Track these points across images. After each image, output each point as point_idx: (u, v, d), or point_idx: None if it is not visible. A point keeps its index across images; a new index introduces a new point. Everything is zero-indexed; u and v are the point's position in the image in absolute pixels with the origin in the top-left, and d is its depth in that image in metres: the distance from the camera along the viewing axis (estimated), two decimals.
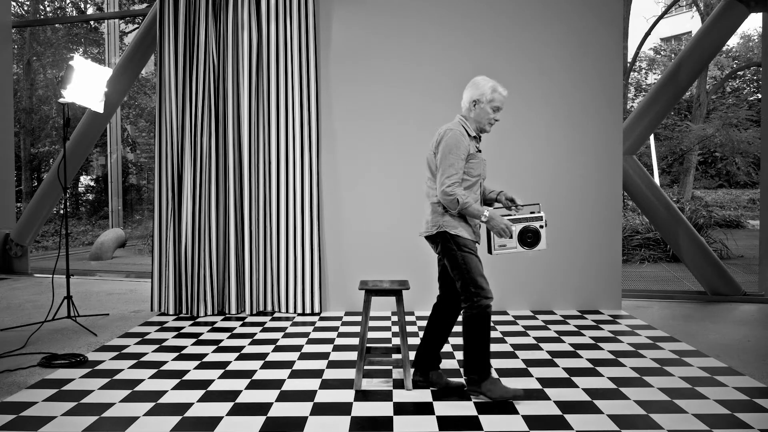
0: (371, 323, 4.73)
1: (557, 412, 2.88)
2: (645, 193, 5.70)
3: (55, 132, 14.99)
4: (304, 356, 3.85)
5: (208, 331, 4.52)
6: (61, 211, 12.59)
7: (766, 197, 5.63)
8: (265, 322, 4.80)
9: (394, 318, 4.92)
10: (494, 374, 3.35)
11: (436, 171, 3.10)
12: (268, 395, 3.14)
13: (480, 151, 3.15)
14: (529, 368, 3.54)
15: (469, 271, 3.01)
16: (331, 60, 5.19)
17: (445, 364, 3.62)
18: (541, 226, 3.14)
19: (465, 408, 2.94)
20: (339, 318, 4.95)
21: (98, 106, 4.86)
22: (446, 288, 3.26)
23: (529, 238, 3.14)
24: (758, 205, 11.14)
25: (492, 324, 4.65)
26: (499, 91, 3.11)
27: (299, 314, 5.08)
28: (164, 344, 4.16)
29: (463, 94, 3.20)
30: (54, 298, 5.02)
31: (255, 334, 4.44)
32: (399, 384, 3.27)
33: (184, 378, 3.43)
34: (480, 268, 3.05)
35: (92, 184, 16.40)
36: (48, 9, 16.05)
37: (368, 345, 3.51)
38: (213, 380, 3.38)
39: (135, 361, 3.75)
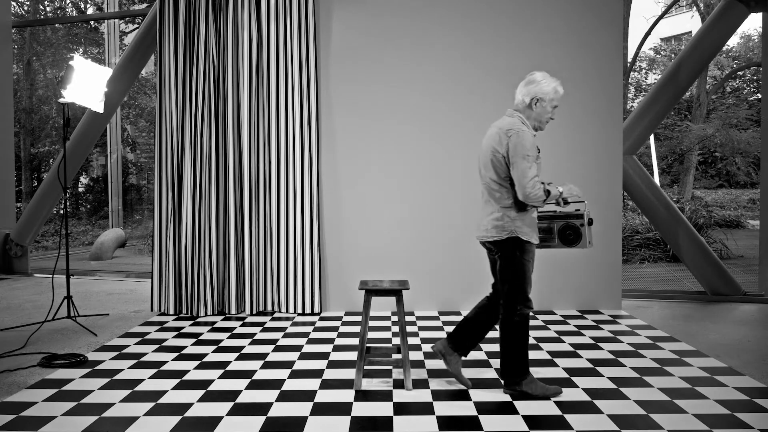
0: (371, 323, 4.73)
1: (557, 412, 2.88)
2: (645, 193, 5.70)
3: (55, 132, 14.99)
4: (304, 356, 3.85)
5: (208, 331, 4.52)
6: (61, 211, 12.59)
7: (766, 197, 5.63)
8: (265, 322, 4.80)
9: (394, 318, 4.92)
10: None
11: (503, 174, 3.03)
12: (268, 395, 3.14)
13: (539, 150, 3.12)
14: (529, 368, 3.53)
15: (524, 280, 3.03)
16: (331, 60, 5.19)
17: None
18: (582, 225, 3.10)
19: (465, 408, 2.94)
20: (339, 318, 4.95)
21: (98, 106, 4.86)
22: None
23: (569, 235, 3.12)
24: (758, 205, 11.14)
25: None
26: (559, 90, 3.09)
27: (299, 314, 5.08)
28: (164, 344, 4.16)
29: (519, 89, 3.11)
30: (54, 298, 5.02)
31: (255, 334, 4.44)
32: (399, 384, 3.27)
33: (184, 378, 3.43)
34: (531, 274, 3.07)
35: (91, 184, 16.40)
36: (48, 9, 16.05)
37: (368, 345, 3.51)
38: (213, 380, 3.38)
39: (135, 361, 3.75)
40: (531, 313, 3.04)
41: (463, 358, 3.30)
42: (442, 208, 5.14)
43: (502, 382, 3.15)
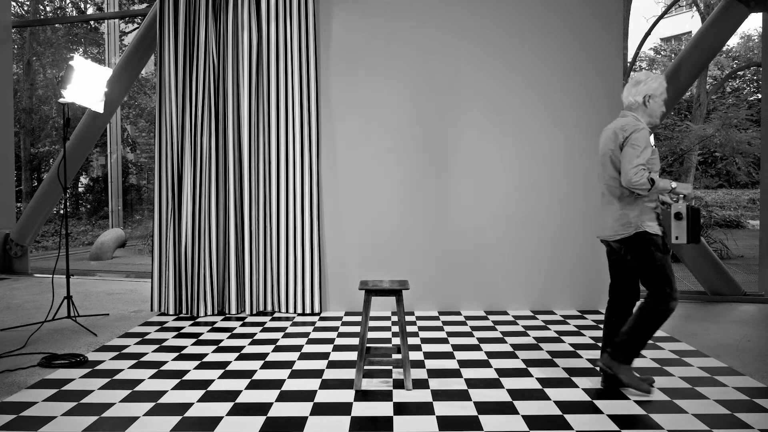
0: (371, 323, 4.73)
1: (557, 412, 2.88)
2: None
3: (55, 132, 14.99)
4: (304, 356, 3.85)
5: (208, 331, 4.52)
6: (61, 211, 12.59)
7: (766, 197, 5.63)
8: (265, 322, 4.80)
9: (394, 318, 4.92)
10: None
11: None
12: (268, 395, 3.14)
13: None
14: (529, 368, 3.54)
15: (666, 270, 3.05)
16: (331, 60, 5.19)
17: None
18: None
19: (465, 408, 2.94)
20: (339, 318, 4.95)
21: (98, 106, 4.86)
22: (628, 289, 3.25)
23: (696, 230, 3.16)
24: (758, 205, 11.13)
25: (492, 324, 4.65)
26: (664, 84, 3.20)
27: (299, 314, 5.08)
28: (164, 344, 4.16)
29: (628, 91, 3.22)
30: (54, 298, 5.02)
31: (255, 334, 4.44)
32: (399, 384, 3.27)
33: (184, 378, 3.43)
34: (671, 267, 3.09)
35: (91, 184, 16.40)
36: (48, 9, 16.05)
37: (368, 345, 3.51)
38: (213, 380, 3.38)
39: (135, 361, 3.75)
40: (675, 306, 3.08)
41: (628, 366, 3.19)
42: (443, 208, 5.14)
43: (609, 352, 3.13)
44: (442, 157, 5.14)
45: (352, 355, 3.83)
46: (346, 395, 3.12)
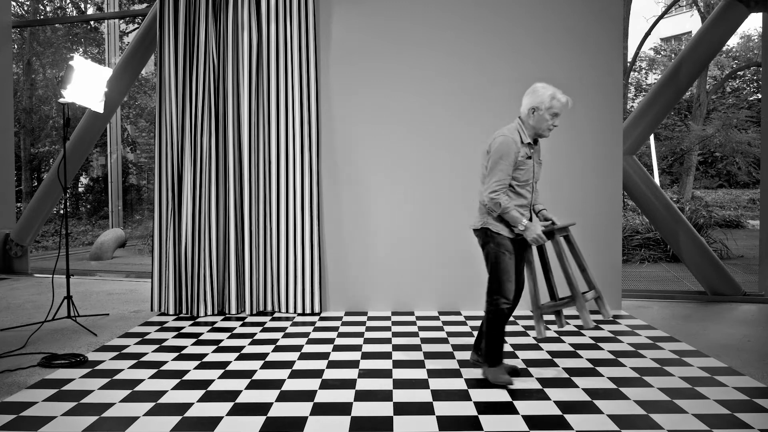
0: (374, 323, 4.73)
1: (557, 412, 2.88)
2: (645, 193, 5.70)
3: (55, 132, 14.99)
4: (304, 356, 3.85)
5: (208, 331, 4.52)
6: (61, 211, 12.59)
7: (766, 197, 5.63)
8: (265, 322, 4.80)
9: (398, 318, 4.91)
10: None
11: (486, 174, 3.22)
12: (268, 395, 3.14)
13: (530, 157, 3.23)
14: (529, 368, 3.54)
15: (498, 271, 3.20)
16: (331, 60, 5.19)
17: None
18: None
19: (465, 408, 2.94)
20: (339, 318, 4.95)
21: (98, 106, 4.86)
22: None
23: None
24: (758, 205, 11.13)
25: None
26: (557, 98, 3.20)
27: (299, 314, 5.08)
28: (164, 344, 4.16)
29: (523, 100, 3.29)
30: (54, 298, 5.02)
31: (255, 334, 4.44)
32: (399, 384, 3.27)
33: (184, 378, 3.43)
34: (510, 270, 3.20)
35: (91, 184, 16.40)
36: (48, 9, 16.05)
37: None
38: (213, 380, 3.38)
39: (135, 361, 3.75)
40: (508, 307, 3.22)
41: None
42: (442, 207, 5.14)
43: (476, 357, 3.49)
44: (442, 156, 5.14)
45: (353, 355, 3.84)
46: (346, 395, 3.12)
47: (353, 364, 3.66)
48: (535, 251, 3.40)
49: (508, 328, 4.54)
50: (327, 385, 3.30)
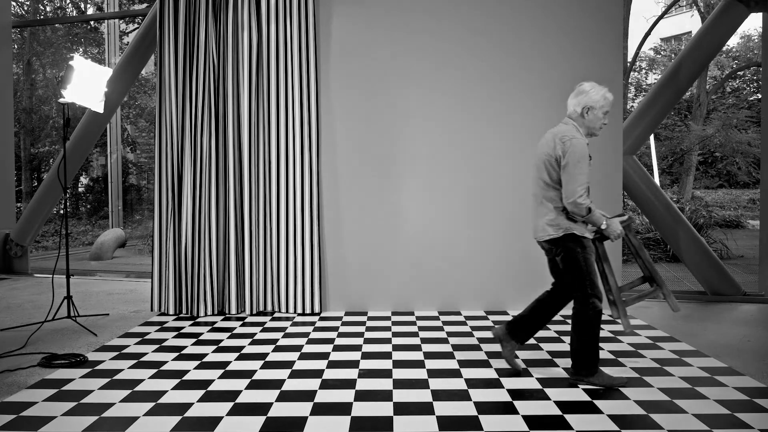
0: (375, 324, 4.73)
1: (557, 412, 2.88)
2: (645, 193, 5.70)
3: (55, 132, 14.99)
4: (304, 356, 3.85)
5: (208, 331, 4.52)
6: (61, 211, 12.59)
7: (766, 197, 5.63)
8: (265, 322, 4.80)
9: (398, 318, 4.91)
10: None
11: (556, 177, 3.22)
12: (268, 395, 3.14)
13: (591, 157, 3.26)
14: (529, 368, 3.54)
15: (589, 272, 3.20)
16: (332, 60, 5.19)
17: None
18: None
19: (465, 408, 2.94)
20: (339, 318, 4.95)
21: (98, 106, 4.85)
22: (559, 281, 3.45)
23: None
24: (758, 205, 11.14)
25: (493, 324, 4.65)
26: (608, 96, 3.26)
27: (299, 314, 5.08)
28: (164, 344, 4.16)
29: (570, 100, 3.31)
30: (54, 298, 5.02)
31: (255, 334, 4.44)
32: (399, 384, 3.27)
33: (184, 378, 3.43)
34: (597, 270, 3.24)
35: (91, 184, 16.40)
36: (48, 9, 16.05)
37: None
38: (213, 380, 3.38)
39: (135, 361, 3.75)
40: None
41: (519, 345, 3.49)
42: (443, 207, 5.14)
43: (572, 371, 3.31)
44: (442, 155, 5.14)
45: (353, 355, 3.84)
46: (346, 395, 3.12)
47: (353, 364, 3.66)
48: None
49: None
50: (327, 385, 3.30)
